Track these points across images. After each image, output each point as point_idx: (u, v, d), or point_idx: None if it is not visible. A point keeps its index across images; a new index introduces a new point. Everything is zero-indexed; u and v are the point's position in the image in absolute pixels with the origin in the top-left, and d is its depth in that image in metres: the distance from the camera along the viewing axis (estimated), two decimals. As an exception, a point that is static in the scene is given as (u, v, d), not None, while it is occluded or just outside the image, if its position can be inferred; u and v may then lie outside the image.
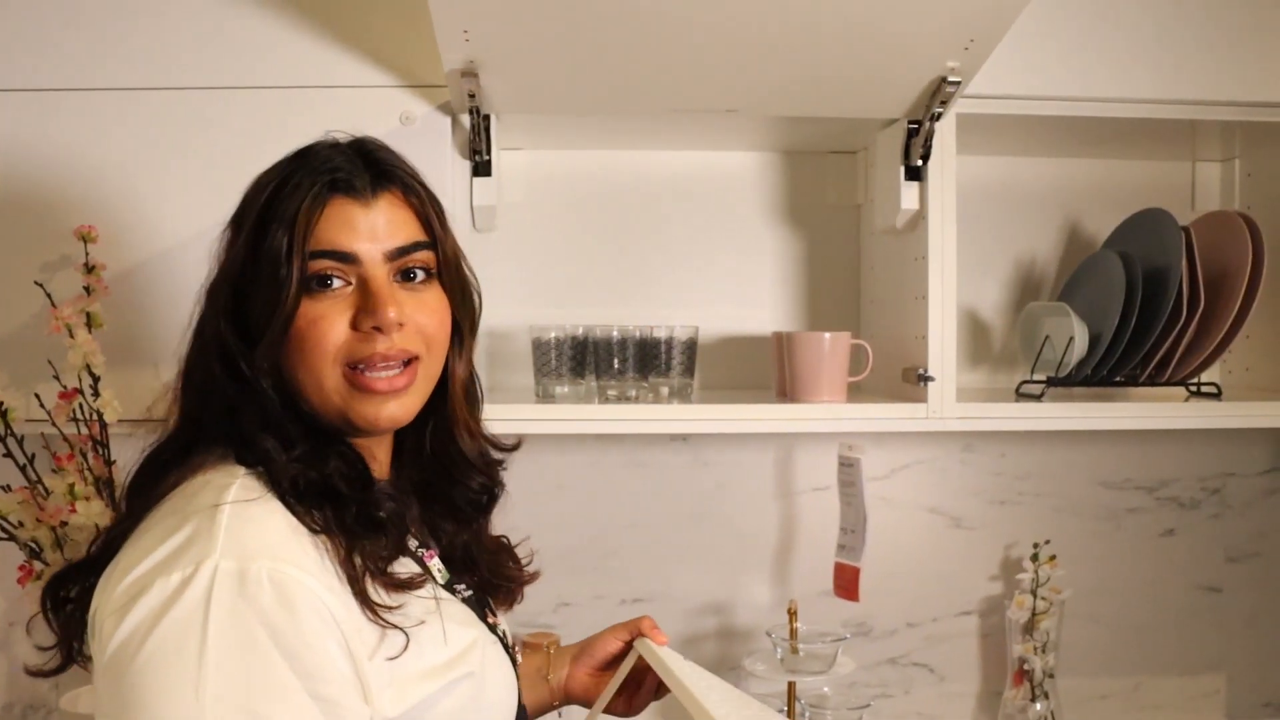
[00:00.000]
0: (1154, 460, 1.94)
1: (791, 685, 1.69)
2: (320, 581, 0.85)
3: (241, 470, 0.91)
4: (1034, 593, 1.83)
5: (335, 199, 0.95)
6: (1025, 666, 1.82)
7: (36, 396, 1.41)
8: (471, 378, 1.08)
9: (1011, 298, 1.91)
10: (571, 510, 1.89)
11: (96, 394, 1.37)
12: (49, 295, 1.41)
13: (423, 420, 1.04)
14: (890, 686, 1.92)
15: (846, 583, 1.72)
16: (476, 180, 1.53)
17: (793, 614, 1.71)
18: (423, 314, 0.98)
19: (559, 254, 1.84)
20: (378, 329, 0.94)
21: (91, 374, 1.36)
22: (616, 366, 1.61)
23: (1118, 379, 1.67)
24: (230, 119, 1.48)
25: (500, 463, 1.13)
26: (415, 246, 0.99)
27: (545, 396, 1.62)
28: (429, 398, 1.02)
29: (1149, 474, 1.95)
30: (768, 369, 1.76)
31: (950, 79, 1.40)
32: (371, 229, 0.96)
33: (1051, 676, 1.83)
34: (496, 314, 1.80)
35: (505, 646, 1.05)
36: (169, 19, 1.48)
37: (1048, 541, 1.84)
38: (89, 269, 1.42)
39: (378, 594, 0.90)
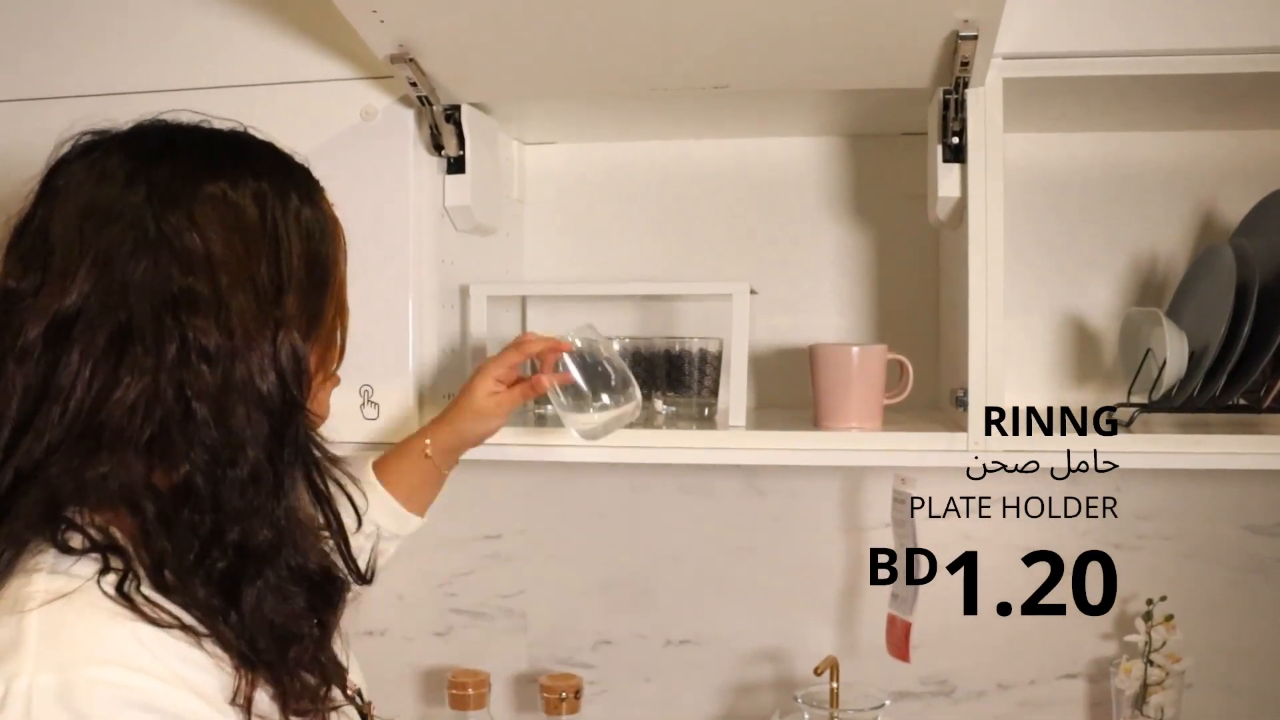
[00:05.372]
0: (1320, 501, 1.57)
1: (830, 755, 1.45)
2: None
3: None
4: (1146, 659, 1.50)
5: None
6: (1134, 748, 1.51)
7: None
8: None
9: (1128, 302, 1.58)
10: (611, 540, 1.71)
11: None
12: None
13: None
14: (976, 758, 1.63)
15: (897, 639, 1.46)
16: (449, 178, 1.38)
17: (832, 670, 1.47)
18: None
19: (597, 255, 1.68)
20: None
21: None
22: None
23: (1236, 402, 1.34)
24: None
25: None
26: None
27: (537, 419, 1.46)
28: None
29: (1312, 517, 1.57)
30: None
31: (964, 33, 1.13)
32: None
33: (1170, 762, 1.50)
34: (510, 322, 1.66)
35: None
36: (124, 25, 1.41)
37: (1164, 598, 1.50)
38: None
39: None
